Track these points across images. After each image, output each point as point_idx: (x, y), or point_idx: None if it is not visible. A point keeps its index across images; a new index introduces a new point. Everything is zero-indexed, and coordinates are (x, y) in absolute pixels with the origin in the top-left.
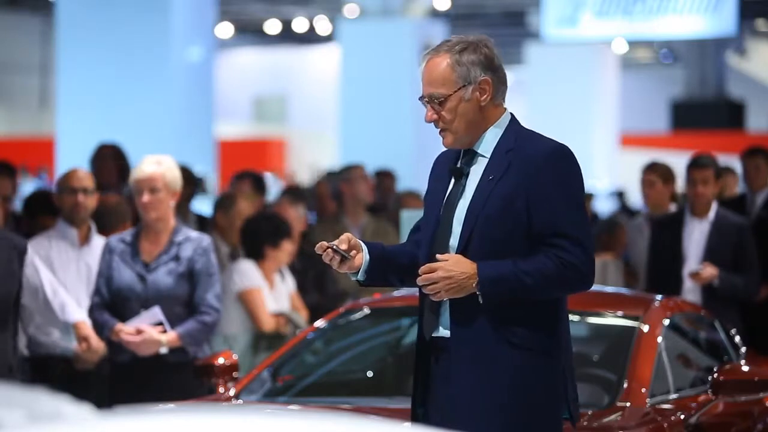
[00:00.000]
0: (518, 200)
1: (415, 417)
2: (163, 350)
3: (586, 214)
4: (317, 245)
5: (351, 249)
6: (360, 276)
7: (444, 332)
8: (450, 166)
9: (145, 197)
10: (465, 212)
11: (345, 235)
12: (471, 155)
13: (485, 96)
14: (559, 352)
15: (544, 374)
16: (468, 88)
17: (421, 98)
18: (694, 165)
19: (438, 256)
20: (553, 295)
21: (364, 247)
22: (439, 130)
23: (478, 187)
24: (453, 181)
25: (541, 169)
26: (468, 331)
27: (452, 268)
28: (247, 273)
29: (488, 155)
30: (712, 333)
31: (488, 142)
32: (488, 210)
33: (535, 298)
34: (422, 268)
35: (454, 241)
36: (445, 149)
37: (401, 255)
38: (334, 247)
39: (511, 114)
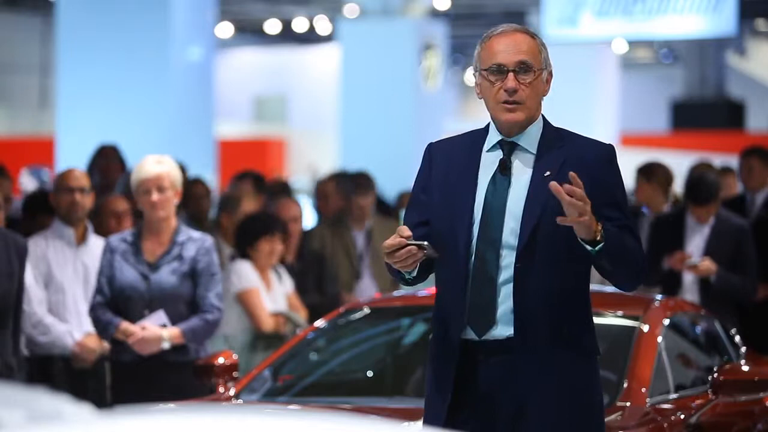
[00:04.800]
0: None
1: (453, 422)
2: (166, 345)
3: None
4: (390, 242)
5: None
6: (415, 272)
7: (503, 332)
8: (500, 159)
9: (155, 196)
10: (522, 207)
11: (405, 228)
12: (510, 147)
13: (548, 87)
14: (599, 353)
15: (598, 375)
16: (544, 73)
17: (495, 68)
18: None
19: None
20: (627, 273)
21: None
22: (512, 102)
23: (533, 182)
24: (495, 173)
25: (602, 170)
26: (533, 329)
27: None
28: (244, 273)
29: (533, 150)
30: (712, 333)
31: (531, 136)
32: (551, 205)
33: (612, 273)
34: (573, 185)
35: (508, 234)
36: (436, 140)
37: None
38: (425, 245)
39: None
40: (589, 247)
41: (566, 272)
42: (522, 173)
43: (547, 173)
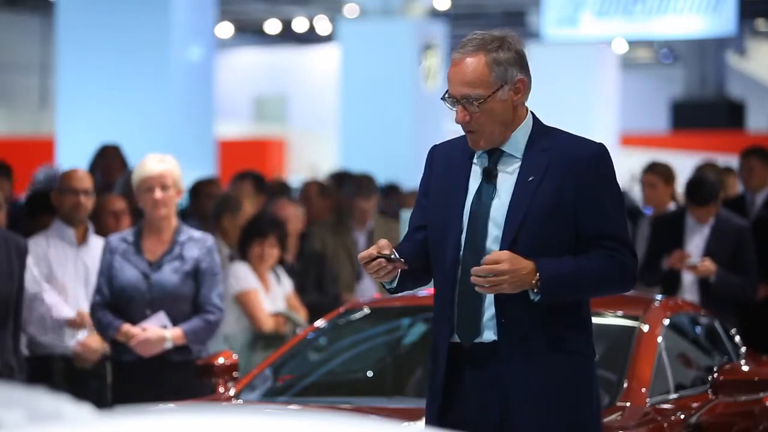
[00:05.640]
0: (565, 201)
1: (443, 422)
2: (168, 345)
3: (625, 214)
4: (363, 255)
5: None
6: (394, 284)
7: (488, 337)
8: (484, 167)
9: (158, 193)
10: (505, 214)
11: (384, 242)
12: (497, 155)
13: (519, 95)
14: (594, 354)
15: (592, 377)
16: (505, 88)
17: (448, 98)
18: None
19: (493, 254)
20: (602, 296)
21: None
22: (467, 131)
23: (516, 188)
24: (481, 181)
25: (588, 171)
26: (518, 333)
27: (515, 262)
28: (242, 275)
29: (519, 155)
30: (712, 333)
31: (517, 142)
32: (534, 211)
33: (583, 298)
34: (487, 258)
35: (491, 243)
36: (438, 143)
37: (416, 258)
38: (392, 257)
39: (532, 113)
40: (532, 297)
41: None
42: (507, 179)
43: (531, 178)
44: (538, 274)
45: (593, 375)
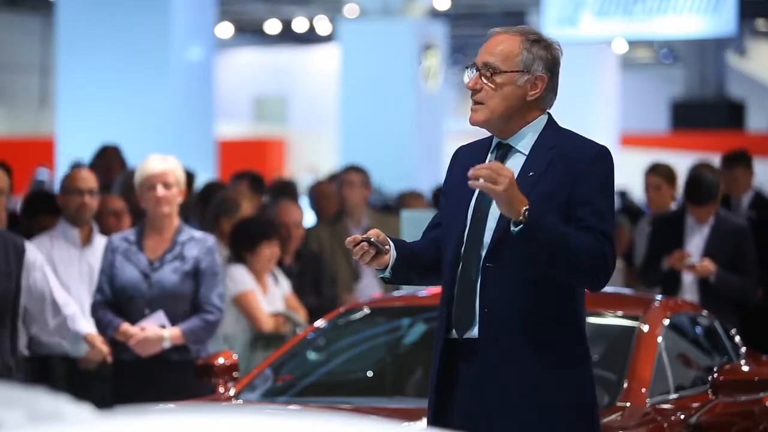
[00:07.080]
0: (561, 199)
1: (439, 420)
2: (167, 344)
3: (614, 217)
4: (348, 239)
5: (383, 243)
6: (387, 273)
7: (476, 333)
8: (489, 162)
9: (161, 191)
10: None
11: (374, 231)
12: (505, 150)
13: (535, 92)
14: (589, 356)
15: (585, 378)
16: (524, 75)
17: (470, 66)
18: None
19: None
20: (573, 276)
21: (392, 243)
22: (473, 103)
23: (517, 183)
24: None
25: (585, 171)
26: (500, 331)
27: (514, 183)
28: (239, 277)
29: (526, 152)
30: (712, 333)
31: (526, 139)
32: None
33: (554, 270)
34: (492, 163)
35: (488, 236)
36: (464, 144)
37: (424, 253)
38: (372, 239)
39: (549, 114)
40: (513, 228)
41: (542, 274)
42: None
43: (531, 173)
44: (526, 209)
45: (585, 377)
